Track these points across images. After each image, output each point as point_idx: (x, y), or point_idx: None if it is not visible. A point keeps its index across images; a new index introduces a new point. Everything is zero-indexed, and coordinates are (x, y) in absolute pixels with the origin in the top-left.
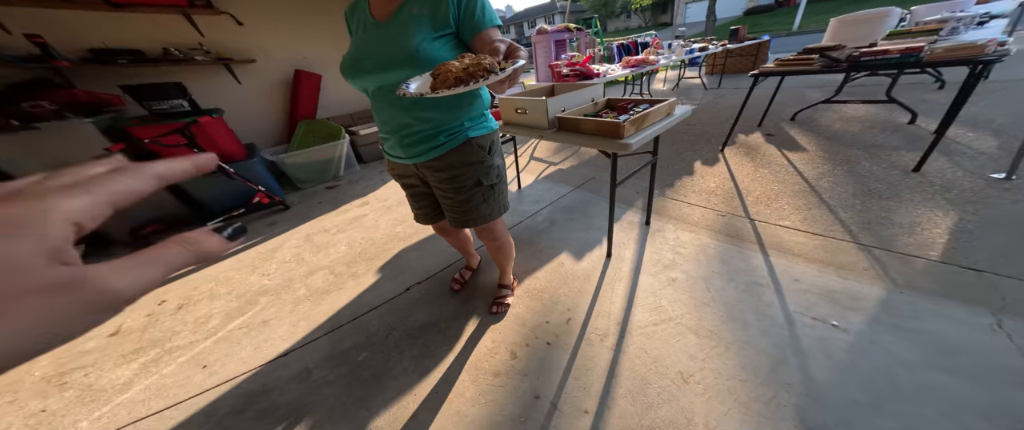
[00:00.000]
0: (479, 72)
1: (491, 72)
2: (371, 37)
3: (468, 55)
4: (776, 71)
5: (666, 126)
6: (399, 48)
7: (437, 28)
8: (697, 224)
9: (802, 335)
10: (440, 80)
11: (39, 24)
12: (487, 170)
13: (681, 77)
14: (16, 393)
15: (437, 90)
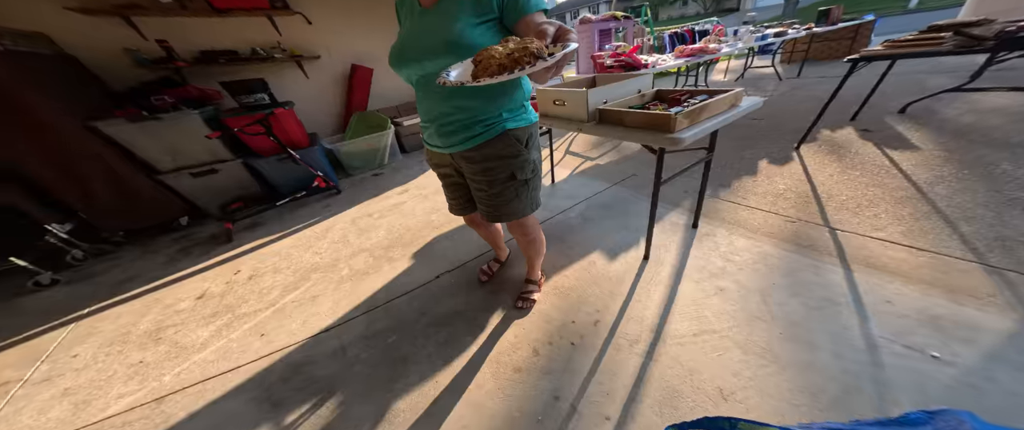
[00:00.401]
0: (525, 57)
1: (539, 57)
2: (416, 25)
3: (513, 39)
4: (885, 54)
5: (728, 119)
6: (441, 35)
7: (480, 14)
8: (757, 230)
9: (888, 364)
10: (482, 67)
11: (165, 31)
12: (522, 164)
13: (748, 66)
14: (124, 344)
15: (478, 78)
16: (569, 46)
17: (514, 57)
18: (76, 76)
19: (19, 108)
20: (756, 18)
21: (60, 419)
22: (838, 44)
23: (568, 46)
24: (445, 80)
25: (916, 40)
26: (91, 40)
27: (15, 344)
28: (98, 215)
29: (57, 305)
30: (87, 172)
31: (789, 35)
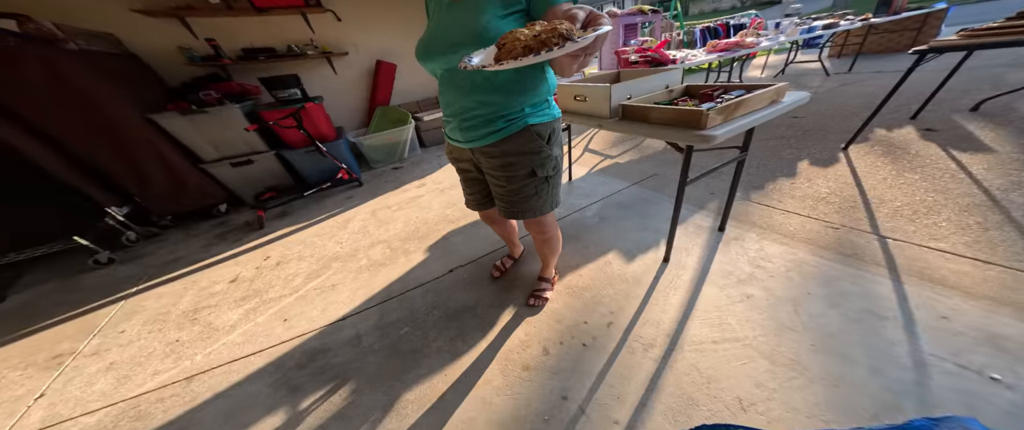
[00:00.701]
0: (553, 39)
1: (568, 39)
2: (444, 18)
3: (540, 22)
4: (961, 45)
5: (767, 116)
6: (467, 27)
7: (507, 5)
8: (792, 236)
9: (938, 384)
10: (506, 50)
11: (213, 30)
12: (544, 161)
13: (789, 62)
14: (164, 323)
15: (502, 60)
16: (601, 29)
17: (541, 38)
18: (138, 72)
19: (91, 102)
20: (801, 10)
21: (103, 392)
22: (900, 36)
23: (600, 29)
24: (467, 65)
25: (1002, 28)
26: (151, 39)
27: (74, 318)
28: (151, 200)
29: (111, 283)
30: (144, 160)
31: (841, 27)
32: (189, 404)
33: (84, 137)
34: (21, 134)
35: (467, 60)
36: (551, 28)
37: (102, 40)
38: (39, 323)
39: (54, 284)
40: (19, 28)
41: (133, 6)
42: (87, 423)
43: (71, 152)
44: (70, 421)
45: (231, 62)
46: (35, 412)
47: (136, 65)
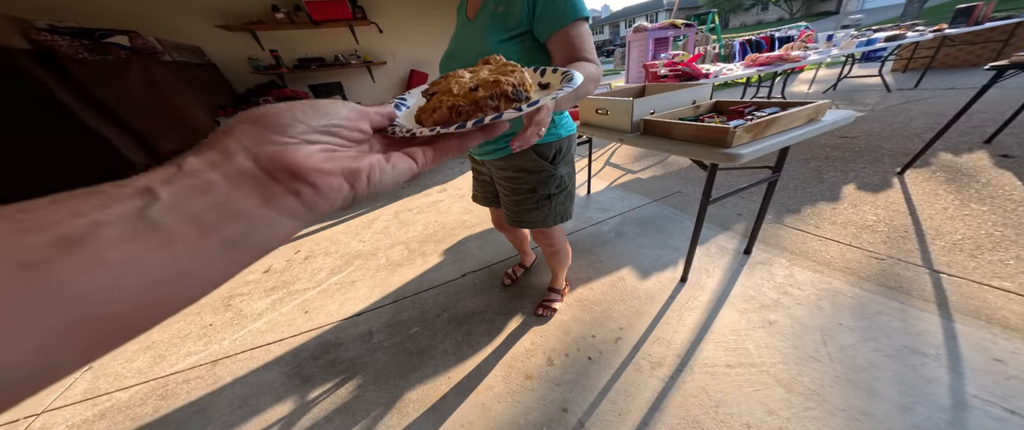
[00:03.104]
0: (491, 101)
1: (515, 100)
2: (461, 35)
3: (488, 66)
4: None
5: (804, 136)
6: (474, 48)
7: (508, 29)
8: (828, 264)
9: (978, 427)
10: (427, 110)
11: (276, 42)
12: (545, 180)
13: (842, 76)
14: (201, 306)
15: (422, 122)
16: (566, 86)
17: (476, 99)
18: (214, 80)
19: (177, 106)
20: (862, 21)
21: (139, 369)
22: (982, 48)
23: (565, 86)
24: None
25: None
26: (227, 51)
27: None
28: None
29: None
30: None
31: (908, 38)
32: (211, 387)
33: (167, 135)
34: (117, 130)
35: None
36: (493, 81)
37: (191, 52)
38: None
39: None
40: (130, 42)
41: (217, 22)
42: (120, 398)
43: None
44: (106, 395)
45: (287, 71)
46: (80, 384)
47: (214, 74)
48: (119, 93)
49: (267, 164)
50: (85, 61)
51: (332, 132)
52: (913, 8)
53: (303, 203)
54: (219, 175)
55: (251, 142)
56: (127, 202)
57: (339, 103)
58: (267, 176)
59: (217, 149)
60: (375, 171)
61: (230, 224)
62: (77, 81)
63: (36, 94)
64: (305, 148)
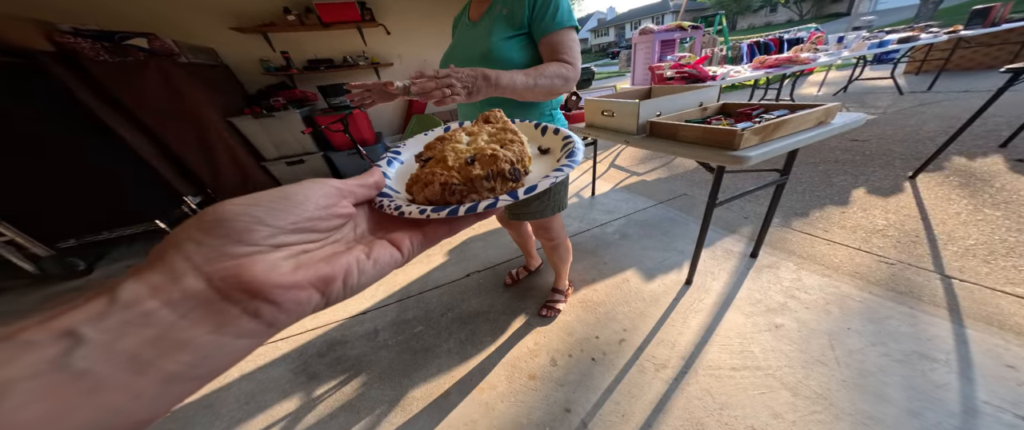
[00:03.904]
0: (488, 183)
1: (512, 180)
2: (463, 36)
3: (482, 136)
4: None
5: (813, 138)
6: (478, 47)
7: (513, 28)
8: (837, 268)
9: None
10: (418, 185)
11: (286, 44)
12: None
13: (853, 78)
14: None
15: (411, 193)
16: (566, 161)
17: (471, 177)
18: (227, 81)
19: (191, 106)
20: (874, 22)
21: None
22: (999, 50)
23: (563, 162)
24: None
25: None
26: (240, 53)
27: None
28: (220, 192)
29: None
30: (221, 156)
31: (921, 40)
32: (219, 382)
33: (179, 134)
34: (133, 129)
35: (386, 162)
36: (490, 156)
37: (205, 54)
38: None
39: (133, 261)
40: (148, 44)
41: (230, 24)
42: None
43: (165, 146)
44: None
45: (297, 72)
46: None
47: (227, 75)
48: (137, 94)
49: (221, 283)
50: (105, 62)
51: (304, 229)
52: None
53: (263, 322)
54: (160, 302)
55: (203, 259)
56: (43, 350)
57: (314, 186)
58: (220, 297)
59: (161, 270)
60: (352, 274)
61: (173, 356)
62: (97, 82)
63: (58, 94)
64: (269, 256)
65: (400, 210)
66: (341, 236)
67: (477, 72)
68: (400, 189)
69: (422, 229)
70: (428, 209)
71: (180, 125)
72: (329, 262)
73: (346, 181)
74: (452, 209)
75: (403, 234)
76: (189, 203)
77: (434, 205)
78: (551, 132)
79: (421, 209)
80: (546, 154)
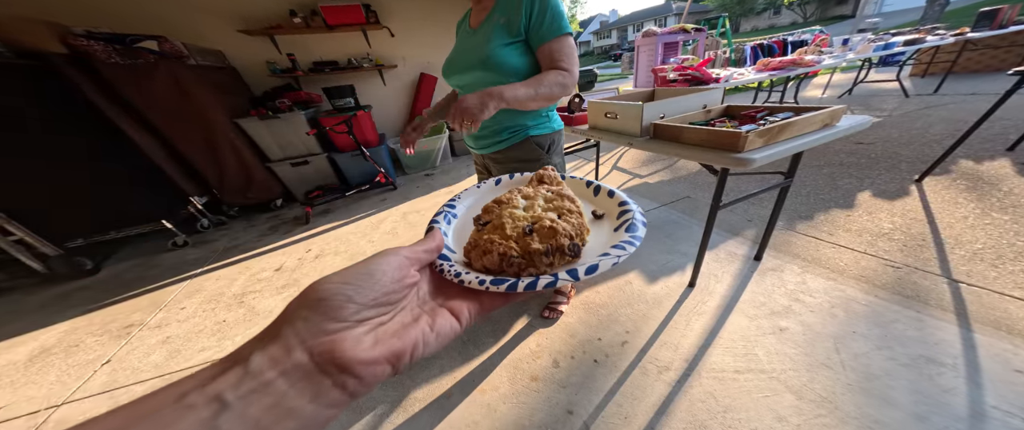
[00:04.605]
0: (547, 257)
1: (572, 255)
2: (464, 43)
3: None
4: None
5: (818, 141)
6: (477, 53)
7: (511, 34)
8: (842, 271)
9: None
10: (478, 247)
11: (293, 46)
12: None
13: (859, 81)
14: (216, 303)
15: (468, 258)
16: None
17: (530, 250)
18: (234, 83)
19: (199, 107)
20: (879, 25)
21: (156, 363)
22: (1007, 53)
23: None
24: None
25: None
26: (247, 55)
27: (149, 292)
28: (225, 192)
29: (182, 263)
30: (227, 157)
31: (928, 42)
32: None
33: (187, 135)
34: (141, 130)
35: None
36: (549, 229)
37: (213, 56)
38: (121, 294)
39: (139, 260)
40: (158, 47)
41: (238, 27)
42: (136, 391)
43: (172, 147)
44: (123, 388)
45: (302, 74)
46: (99, 376)
47: (234, 77)
48: (146, 95)
49: (319, 357)
50: (116, 65)
51: (381, 303)
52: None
53: (347, 393)
54: (278, 373)
55: (308, 333)
56: (199, 412)
57: (389, 259)
58: (318, 371)
59: (279, 343)
60: (418, 348)
61: (283, 423)
62: (108, 84)
63: (70, 96)
64: (354, 332)
65: (460, 278)
66: (407, 303)
67: (484, 95)
68: (455, 247)
69: (479, 299)
70: (487, 280)
71: (188, 126)
72: (400, 337)
73: (413, 249)
74: (511, 284)
75: (462, 303)
76: (195, 203)
77: (492, 274)
78: (604, 194)
79: (480, 279)
80: (600, 219)
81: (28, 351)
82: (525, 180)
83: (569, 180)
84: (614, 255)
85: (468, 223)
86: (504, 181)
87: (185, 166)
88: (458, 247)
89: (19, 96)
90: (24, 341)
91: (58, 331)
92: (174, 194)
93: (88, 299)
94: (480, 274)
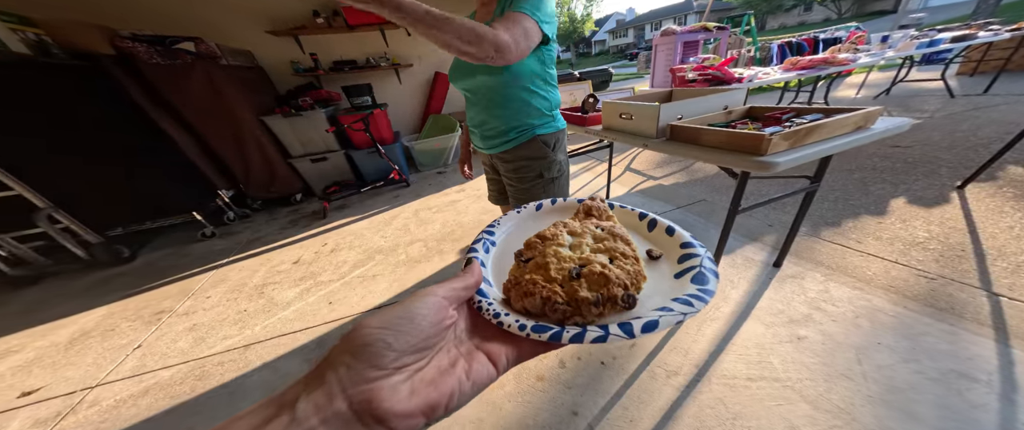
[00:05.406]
0: (589, 307)
1: (623, 307)
2: None
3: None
4: None
5: (850, 144)
6: None
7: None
8: (870, 281)
9: None
10: (520, 288)
11: (315, 46)
12: (549, 165)
13: (898, 80)
14: (239, 293)
15: (507, 295)
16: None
17: (577, 297)
18: (261, 82)
19: (230, 105)
20: (924, 20)
21: (182, 350)
22: None
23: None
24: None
25: None
26: (273, 55)
27: (178, 280)
28: (251, 186)
29: (209, 253)
30: (252, 153)
31: (979, 39)
32: (241, 370)
33: (218, 132)
34: (178, 127)
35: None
36: (599, 275)
37: (243, 56)
38: (154, 282)
39: (171, 250)
40: (194, 48)
41: (266, 28)
42: (163, 376)
43: (204, 143)
44: (151, 373)
45: (323, 73)
46: (130, 361)
47: (261, 76)
48: (183, 94)
49: (358, 406)
50: (157, 65)
51: (419, 348)
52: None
53: None
54: (319, 420)
55: (349, 381)
56: None
57: (428, 301)
58: (356, 420)
59: (323, 389)
60: (454, 398)
61: None
62: (149, 83)
63: (116, 95)
64: (392, 380)
65: (499, 320)
66: (445, 343)
67: None
68: (494, 279)
69: (518, 344)
70: (528, 326)
71: (219, 123)
72: (437, 386)
73: (452, 286)
74: (554, 333)
75: (500, 347)
76: (222, 196)
77: (532, 317)
78: (662, 231)
79: (521, 324)
80: (656, 260)
81: (69, 333)
82: (568, 208)
83: (618, 210)
84: (678, 312)
85: (507, 252)
86: (545, 207)
87: (215, 161)
88: (496, 279)
89: (73, 95)
90: (66, 324)
91: (97, 315)
92: (205, 187)
93: (125, 285)
94: (520, 317)
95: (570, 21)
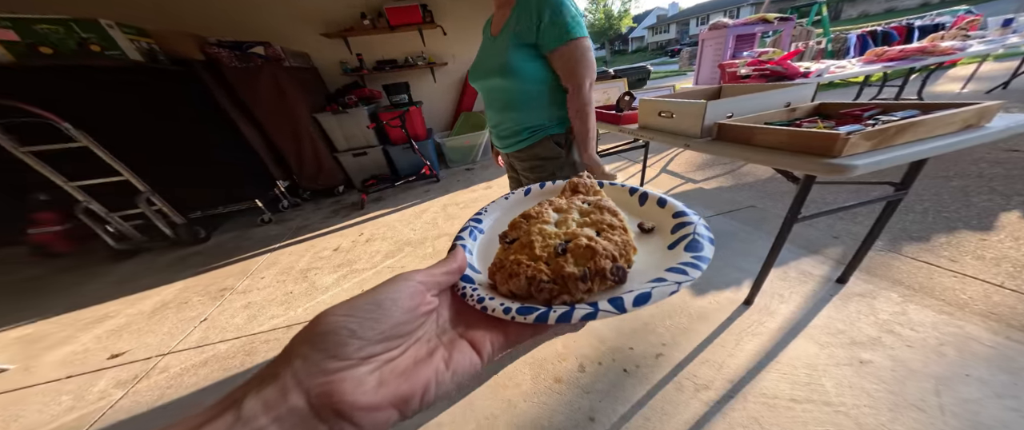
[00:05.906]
0: (575, 283)
1: (612, 281)
2: (486, 49)
3: (581, 199)
4: None
5: (954, 146)
6: (495, 60)
7: (525, 43)
8: (963, 306)
9: None
10: (504, 269)
11: (361, 46)
12: (562, 165)
13: (1019, 71)
14: (287, 276)
15: (493, 280)
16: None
17: (563, 274)
18: (315, 82)
19: (290, 104)
20: None
21: (238, 326)
22: None
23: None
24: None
25: None
26: (326, 56)
27: (239, 261)
28: (302, 178)
29: (266, 238)
30: (305, 147)
31: None
32: (236, 369)
33: (280, 128)
34: (249, 124)
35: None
36: (586, 248)
37: (301, 58)
38: (221, 261)
39: (236, 233)
40: (264, 51)
41: (321, 31)
42: (219, 349)
43: (268, 138)
44: (210, 345)
45: (367, 72)
46: (197, 332)
47: (315, 76)
48: (254, 94)
49: (316, 400)
50: (236, 68)
51: (389, 337)
52: None
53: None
54: (271, 420)
55: (305, 373)
56: None
57: (402, 287)
58: (315, 416)
59: (275, 385)
60: (430, 390)
61: None
62: (229, 85)
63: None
64: (357, 372)
65: (483, 305)
66: (424, 333)
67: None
68: (481, 266)
69: (504, 329)
70: (513, 308)
71: (281, 120)
72: (409, 377)
73: (432, 271)
74: (541, 314)
75: (484, 334)
76: (279, 186)
77: (519, 299)
78: (653, 203)
79: (505, 307)
80: (649, 233)
81: (152, 304)
82: (557, 189)
83: (608, 187)
84: (672, 281)
85: (495, 239)
86: (534, 191)
87: (274, 154)
88: (484, 266)
89: (174, 96)
90: (151, 294)
91: (175, 289)
92: (266, 178)
93: (199, 263)
94: (506, 301)
95: (606, 18)
